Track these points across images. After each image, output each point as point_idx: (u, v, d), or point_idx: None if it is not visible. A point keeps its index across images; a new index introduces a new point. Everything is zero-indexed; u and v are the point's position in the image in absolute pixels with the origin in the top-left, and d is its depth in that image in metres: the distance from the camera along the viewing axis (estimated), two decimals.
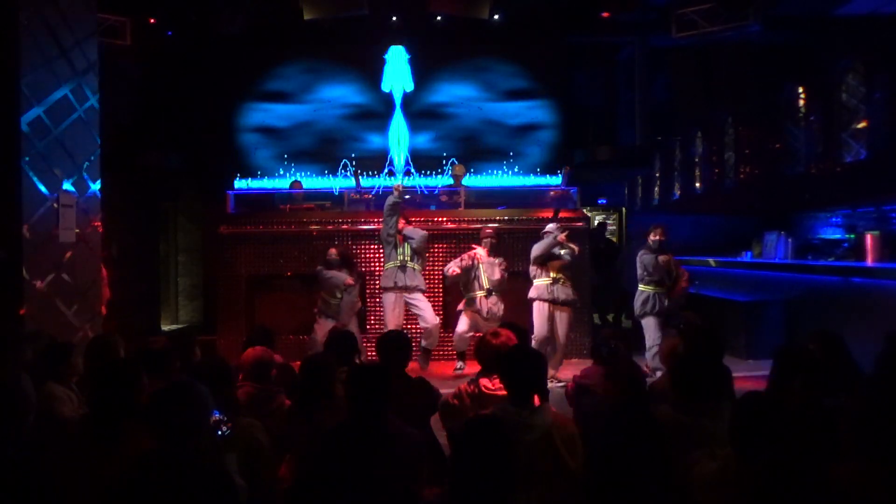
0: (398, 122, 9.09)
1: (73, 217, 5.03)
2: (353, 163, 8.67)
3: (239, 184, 9.12)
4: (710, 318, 6.68)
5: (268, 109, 10.76)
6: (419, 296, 6.61)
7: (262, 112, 10.72)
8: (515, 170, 10.02)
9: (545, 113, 10.87)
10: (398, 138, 8.99)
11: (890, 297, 5.85)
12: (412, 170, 8.62)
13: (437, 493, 2.12)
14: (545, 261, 6.35)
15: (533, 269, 6.43)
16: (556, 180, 8.94)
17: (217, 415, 2.31)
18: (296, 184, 8.95)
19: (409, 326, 6.84)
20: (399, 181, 7.70)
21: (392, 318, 6.52)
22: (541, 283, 6.37)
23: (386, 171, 8.68)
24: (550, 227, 6.46)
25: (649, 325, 6.33)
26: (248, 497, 2.43)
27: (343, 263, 6.73)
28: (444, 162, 9.62)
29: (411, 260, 6.58)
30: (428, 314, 6.58)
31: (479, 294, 6.51)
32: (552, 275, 6.34)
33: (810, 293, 7.14)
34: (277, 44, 10.46)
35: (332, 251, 6.78)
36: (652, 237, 6.44)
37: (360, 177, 7.99)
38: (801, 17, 8.73)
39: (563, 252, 6.35)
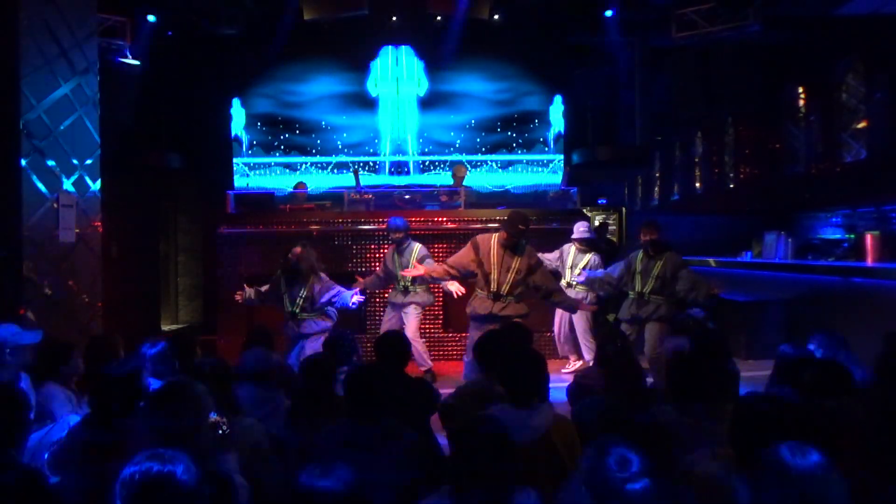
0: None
1: (73, 217, 5.03)
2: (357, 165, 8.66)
3: (238, 160, 9.13)
4: (716, 318, 6.57)
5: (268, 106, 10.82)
6: (410, 309, 6.28)
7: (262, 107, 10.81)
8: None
9: (545, 112, 10.91)
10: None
11: (890, 297, 5.85)
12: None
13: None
14: None
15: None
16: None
17: (214, 416, 2.31)
18: (300, 185, 8.98)
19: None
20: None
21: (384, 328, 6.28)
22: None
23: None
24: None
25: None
26: (249, 497, 2.43)
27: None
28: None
29: (412, 284, 6.21)
30: (409, 329, 6.16)
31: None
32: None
33: (810, 293, 7.13)
34: (277, 44, 10.47)
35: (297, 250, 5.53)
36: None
37: (359, 177, 8.00)
38: (801, 17, 8.72)
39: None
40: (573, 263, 6.60)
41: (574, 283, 6.46)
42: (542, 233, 7.19)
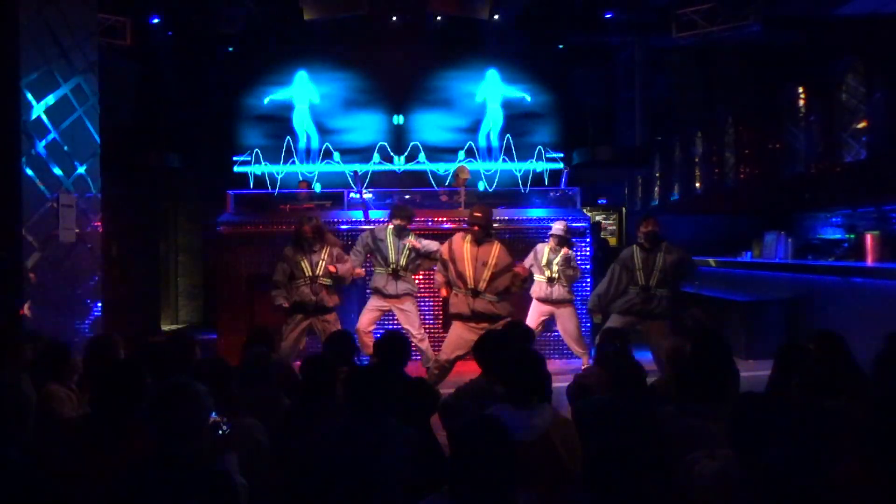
0: None
1: (73, 217, 5.03)
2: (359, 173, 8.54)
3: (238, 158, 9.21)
4: (713, 318, 6.60)
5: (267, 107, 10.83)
6: (408, 305, 5.96)
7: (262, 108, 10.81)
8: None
9: (545, 112, 10.92)
10: None
11: (890, 297, 5.85)
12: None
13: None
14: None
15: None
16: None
17: (214, 416, 2.30)
18: (303, 184, 8.97)
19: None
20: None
21: (364, 321, 5.93)
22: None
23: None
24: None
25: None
26: (249, 497, 2.43)
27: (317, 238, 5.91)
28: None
29: (405, 269, 5.90)
30: (414, 326, 5.93)
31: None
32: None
33: (810, 293, 7.13)
34: (277, 44, 10.48)
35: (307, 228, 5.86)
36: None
37: (359, 178, 7.98)
38: (801, 17, 8.71)
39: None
40: (548, 261, 6.28)
41: (557, 276, 6.23)
42: (542, 232, 7.18)
